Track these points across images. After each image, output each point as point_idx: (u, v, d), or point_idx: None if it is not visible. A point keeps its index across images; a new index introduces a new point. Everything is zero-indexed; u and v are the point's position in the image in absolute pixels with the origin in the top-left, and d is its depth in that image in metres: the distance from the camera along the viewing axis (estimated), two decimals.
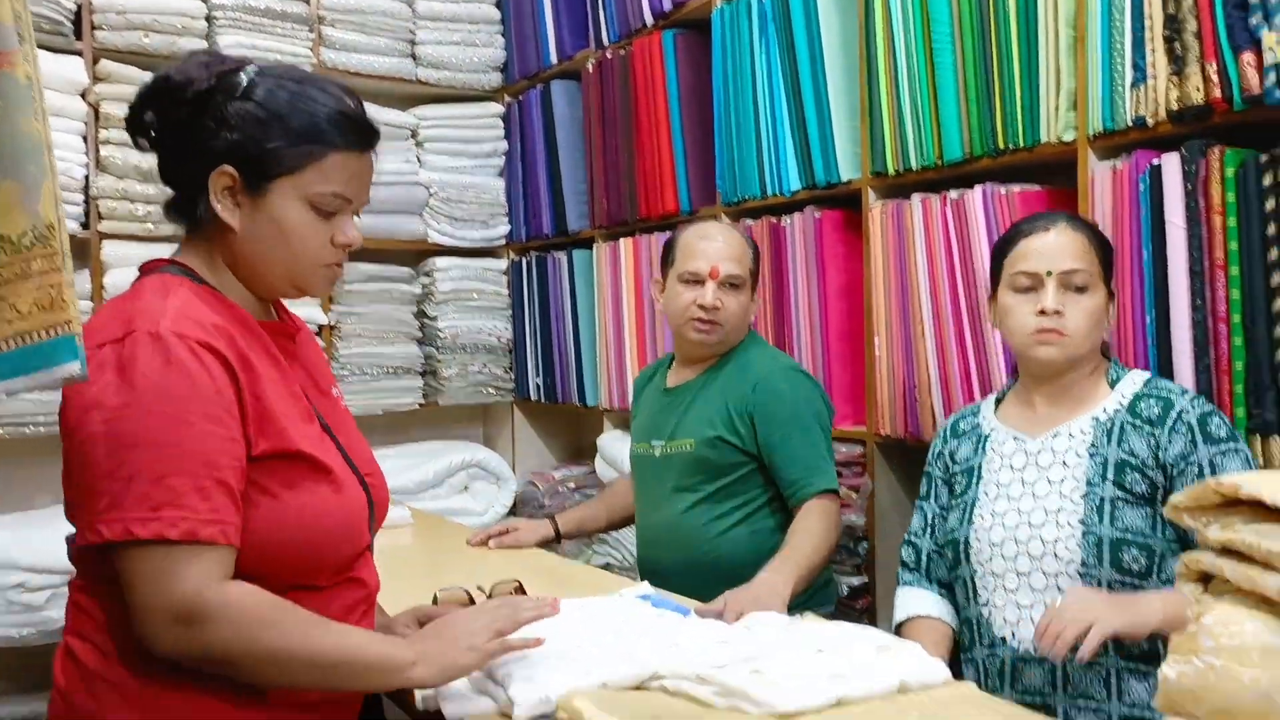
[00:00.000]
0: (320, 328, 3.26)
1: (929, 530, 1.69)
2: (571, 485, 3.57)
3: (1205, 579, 0.87)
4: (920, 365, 2.23)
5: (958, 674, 1.57)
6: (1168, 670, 0.80)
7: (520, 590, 1.68)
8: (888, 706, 1.16)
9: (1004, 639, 1.52)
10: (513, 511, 3.69)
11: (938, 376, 2.19)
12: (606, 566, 2.87)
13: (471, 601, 1.62)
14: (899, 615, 1.67)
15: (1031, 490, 1.55)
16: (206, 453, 1.09)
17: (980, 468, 1.63)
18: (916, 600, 1.66)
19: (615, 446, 3.27)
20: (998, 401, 1.70)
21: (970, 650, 1.59)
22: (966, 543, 1.58)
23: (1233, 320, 1.64)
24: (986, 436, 1.65)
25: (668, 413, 2.09)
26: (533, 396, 3.61)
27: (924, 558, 1.68)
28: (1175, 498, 0.87)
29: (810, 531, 1.82)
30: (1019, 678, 1.51)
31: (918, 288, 2.21)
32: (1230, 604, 0.80)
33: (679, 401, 2.08)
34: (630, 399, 3.19)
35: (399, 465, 3.34)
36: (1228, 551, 0.83)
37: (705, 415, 2.00)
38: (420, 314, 3.54)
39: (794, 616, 1.50)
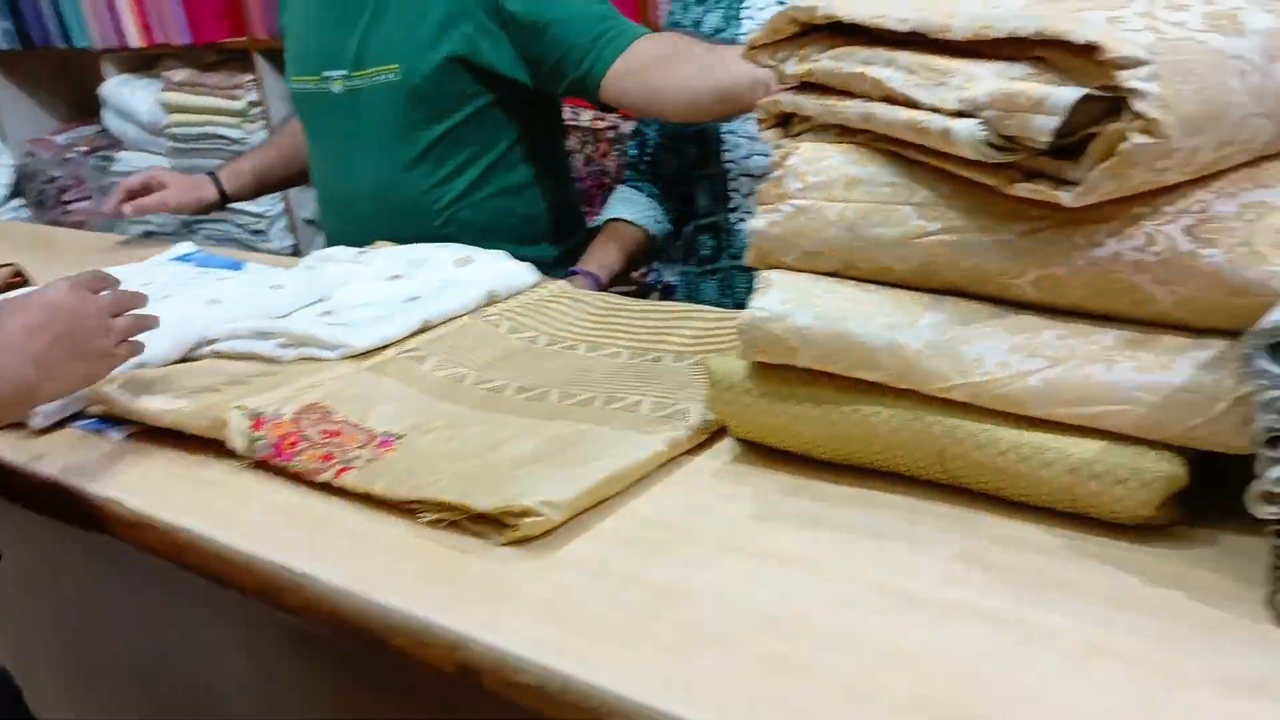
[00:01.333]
0: None
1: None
2: (84, 149, 3.02)
3: (785, 122, 0.82)
4: None
5: (694, 286, 1.36)
6: (757, 222, 0.75)
7: (20, 277, 1.36)
8: (478, 321, 1.07)
9: None
10: (17, 192, 3.08)
11: None
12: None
13: None
14: (599, 219, 1.44)
15: None
16: None
17: (733, 42, 1.28)
18: (617, 202, 1.41)
19: (124, 94, 2.75)
20: None
21: (715, 261, 1.33)
22: (718, 137, 1.27)
23: None
24: (741, 1, 1.30)
25: (344, 23, 1.38)
26: (3, 45, 2.90)
27: (649, 149, 1.41)
28: (751, 36, 0.78)
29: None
30: None
31: None
32: (812, 141, 0.75)
33: (361, 2, 1.37)
34: (132, 30, 2.64)
35: None
36: (807, 87, 0.77)
37: (415, 18, 1.33)
38: None
39: (361, 249, 1.32)
